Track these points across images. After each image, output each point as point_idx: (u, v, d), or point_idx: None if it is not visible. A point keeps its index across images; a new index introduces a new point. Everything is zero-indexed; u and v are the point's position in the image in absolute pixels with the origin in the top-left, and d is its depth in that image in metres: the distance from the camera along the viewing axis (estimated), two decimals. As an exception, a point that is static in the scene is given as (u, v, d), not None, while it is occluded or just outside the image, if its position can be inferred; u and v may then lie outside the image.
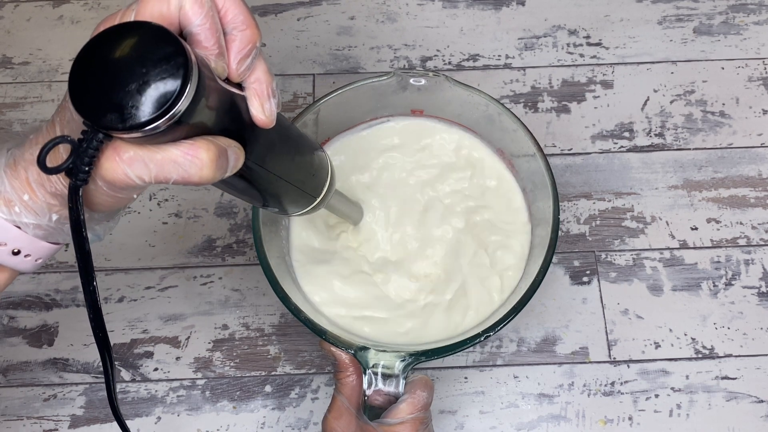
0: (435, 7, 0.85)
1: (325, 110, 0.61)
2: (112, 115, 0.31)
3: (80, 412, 0.67)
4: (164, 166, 0.33)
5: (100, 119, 0.32)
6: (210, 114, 0.35)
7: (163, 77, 0.31)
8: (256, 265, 0.72)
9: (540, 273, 0.53)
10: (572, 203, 0.75)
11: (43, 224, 0.39)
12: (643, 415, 0.67)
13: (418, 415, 0.51)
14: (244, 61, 0.36)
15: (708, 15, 0.84)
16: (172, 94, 0.31)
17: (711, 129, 0.78)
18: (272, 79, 0.38)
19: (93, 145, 0.33)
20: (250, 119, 0.38)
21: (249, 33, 0.36)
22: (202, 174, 0.34)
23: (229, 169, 0.36)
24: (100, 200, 0.36)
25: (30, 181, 0.37)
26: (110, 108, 0.31)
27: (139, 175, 0.33)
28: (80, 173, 0.33)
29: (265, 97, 0.37)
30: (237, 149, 0.36)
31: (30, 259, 0.40)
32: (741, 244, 0.73)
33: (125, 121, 0.31)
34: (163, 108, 0.31)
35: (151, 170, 0.33)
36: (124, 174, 0.33)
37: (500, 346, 0.69)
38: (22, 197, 0.37)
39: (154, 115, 0.31)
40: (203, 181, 0.35)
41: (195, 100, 0.32)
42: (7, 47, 0.83)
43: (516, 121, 0.59)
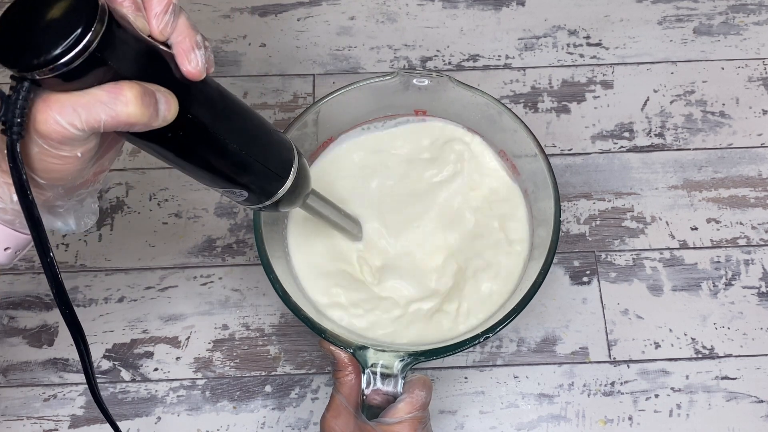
0: (435, 7, 0.85)
1: (326, 110, 0.61)
2: (28, 54, 0.33)
3: (80, 412, 0.67)
4: (91, 108, 0.34)
5: (18, 60, 0.33)
6: (131, 59, 0.36)
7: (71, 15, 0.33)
8: (256, 265, 0.72)
9: (541, 274, 0.53)
10: (572, 203, 0.75)
11: (7, 208, 0.39)
12: (643, 415, 0.67)
13: (416, 415, 0.51)
14: (162, 17, 0.38)
15: (708, 15, 0.84)
16: (78, 27, 0.33)
17: (711, 129, 0.78)
18: (196, 33, 0.39)
19: (21, 95, 0.34)
20: (182, 76, 0.39)
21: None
22: (128, 111, 0.35)
23: (161, 113, 0.37)
24: (46, 164, 0.36)
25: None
26: (26, 49, 0.33)
27: (70, 121, 0.34)
28: (14, 126, 0.34)
29: (189, 49, 0.39)
30: (168, 94, 0.37)
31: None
32: (741, 244, 0.73)
33: (39, 56, 0.33)
34: (72, 40, 0.33)
35: (81, 114, 0.34)
36: (56, 122, 0.34)
37: (500, 346, 0.69)
38: None
39: (64, 48, 0.33)
40: (133, 119, 0.35)
41: (107, 38, 0.34)
42: (7, 47, 0.83)
43: (517, 122, 0.59)
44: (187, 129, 0.40)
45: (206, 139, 0.42)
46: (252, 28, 0.84)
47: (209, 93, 0.41)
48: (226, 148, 0.43)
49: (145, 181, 0.76)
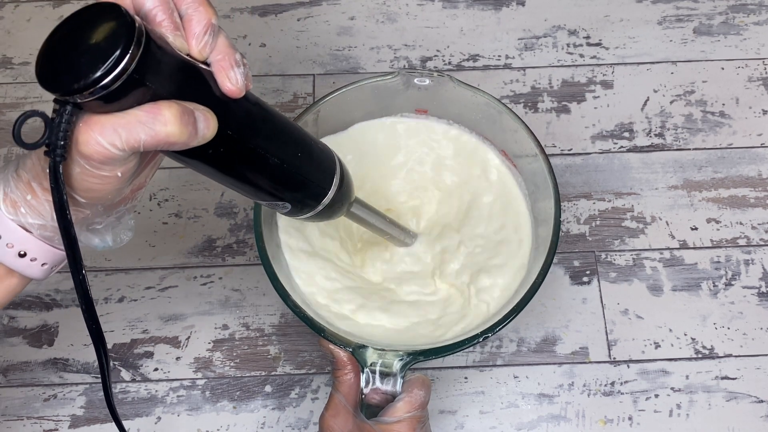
0: (435, 7, 0.85)
1: (326, 110, 0.60)
2: (68, 78, 0.34)
3: (80, 412, 0.67)
4: (132, 128, 0.35)
5: (59, 85, 0.34)
6: (169, 79, 0.36)
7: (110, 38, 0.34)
8: (256, 265, 0.72)
9: (541, 273, 0.53)
10: (572, 203, 0.75)
11: (47, 225, 0.39)
12: (643, 415, 0.67)
13: (415, 414, 0.51)
14: (201, 38, 0.38)
15: (708, 15, 0.84)
16: (116, 50, 0.33)
17: (711, 129, 0.78)
18: (235, 51, 0.40)
19: (64, 118, 0.34)
20: (221, 93, 0.39)
21: (203, 11, 0.38)
22: (168, 130, 0.35)
23: (200, 131, 0.37)
24: (86, 184, 0.37)
25: (30, 182, 0.38)
26: (66, 73, 0.34)
27: (111, 142, 0.35)
28: (57, 149, 0.35)
29: (228, 67, 0.39)
30: (206, 112, 0.38)
31: (36, 263, 0.41)
32: (741, 244, 0.73)
33: (79, 80, 0.33)
34: (111, 63, 0.33)
35: (121, 135, 0.35)
36: (97, 143, 0.35)
37: (500, 346, 0.69)
38: (25, 197, 0.39)
39: (103, 71, 0.33)
40: (173, 138, 0.35)
41: (146, 59, 0.34)
42: (8, 47, 0.83)
43: (517, 122, 0.59)
44: (227, 145, 0.40)
45: (246, 154, 0.42)
46: (252, 28, 0.84)
47: (248, 109, 0.42)
48: (266, 163, 0.43)
49: (145, 181, 0.76)
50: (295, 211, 0.48)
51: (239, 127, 0.41)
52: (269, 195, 0.46)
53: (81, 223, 0.40)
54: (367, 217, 0.56)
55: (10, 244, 0.40)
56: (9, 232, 0.39)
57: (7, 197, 0.39)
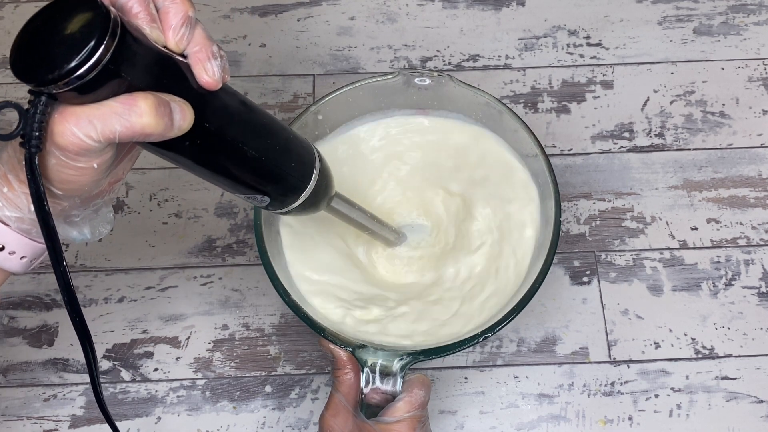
0: (435, 7, 0.85)
1: (326, 110, 0.60)
2: (43, 69, 0.34)
3: (80, 412, 0.67)
4: (107, 119, 0.35)
5: (34, 75, 0.34)
6: (145, 70, 0.36)
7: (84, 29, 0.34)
8: (256, 265, 0.72)
9: (541, 273, 0.53)
10: (572, 203, 0.75)
11: (25, 217, 0.39)
12: (643, 415, 0.67)
13: (415, 414, 0.51)
14: (178, 30, 0.38)
15: (708, 15, 0.84)
16: (91, 41, 0.33)
17: (711, 129, 0.78)
18: (212, 43, 0.40)
19: (39, 109, 0.34)
20: (198, 85, 0.39)
21: (179, 3, 0.38)
22: (143, 122, 0.35)
23: (176, 122, 0.37)
24: (63, 175, 0.37)
25: (5, 174, 0.38)
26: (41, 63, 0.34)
27: (86, 133, 0.35)
28: (32, 140, 0.35)
29: (205, 59, 0.39)
30: (182, 104, 0.37)
31: (15, 257, 0.41)
32: (741, 244, 0.73)
33: (53, 71, 0.33)
34: (85, 53, 0.33)
35: (96, 126, 0.35)
36: (73, 134, 0.35)
37: (500, 346, 0.69)
38: (2, 190, 0.39)
39: (78, 61, 0.33)
40: (148, 129, 0.35)
41: (121, 50, 0.34)
42: (7, 47, 0.83)
43: (518, 121, 0.59)
44: (204, 138, 0.40)
45: (223, 147, 0.42)
46: (252, 29, 0.84)
47: (226, 101, 0.41)
48: (244, 156, 0.43)
49: (145, 181, 0.76)
50: (274, 205, 0.48)
51: (216, 119, 0.41)
52: (247, 188, 0.46)
53: (58, 216, 0.40)
54: (348, 212, 0.55)
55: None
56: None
57: None
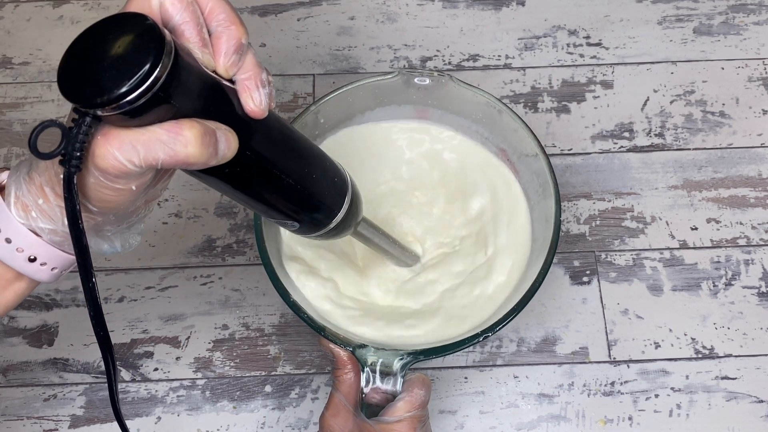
0: (435, 7, 0.85)
1: (326, 109, 0.60)
2: (91, 91, 0.33)
3: (80, 412, 0.67)
4: (151, 146, 0.34)
5: (81, 96, 0.33)
6: (194, 96, 0.36)
7: (137, 53, 0.33)
8: (256, 265, 0.72)
9: (540, 273, 0.53)
10: (572, 203, 0.75)
11: (58, 230, 0.39)
12: (643, 415, 0.67)
13: (415, 414, 0.51)
14: (230, 57, 0.38)
15: (708, 15, 0.84)
16: (145, 66, 0.32)
17: (711, 129, 0.78)
18: (261, 71, 0.39)
19: (82, 130, 0.34)
20: (243, 112, 0.39)
21: (234, 30, 0.37)
22: (188, 151, 0.34)
23: (221, 152, 0.37)
24: (100, 194, 0.37)
25: (42, 186, 0.38)
26: (90, 85, 0.33)
27: (129, 158, 0.34)
28: (73, 159, 0.34)
29: (253, 88, 0.38)
30: (228, 132, 0.37)
31: (46, 267, 0.41)
32: (741, 244, 0.73)
33: (102, 95, 0.32)
34: (137, 79, 0.32)
35: (139, 152, 0.34)
36: (114, 158, 0.34)
37: (500, 346, 0.69)
38: (37, 201, 0.38)
39: (129, 87, 0.32)
40: (192, 159, 0.35)
41: (172, 77, 0.33)
42: (7, 47, 0.83)
43: (518, 121, 0.59)
44: (244, 165, 0.39)
45: (262, 174, 0.41)
46: (252, 28, 0.84)
47: (268, 129, 0.41)
48: (281, 184, 0.43)
49: (145, 181, 0.76)
50: (303, 230, 0.48)
51: (258, 147, 0.40)
52: (281, 214, 0.46)
53: (91, 230, 0.40)
54: (372, 236, 0.55)
55: (20, 249, 0.39)
56: (20, 237, 0.39)
57: (18, 200, 0.38)
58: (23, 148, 0.77)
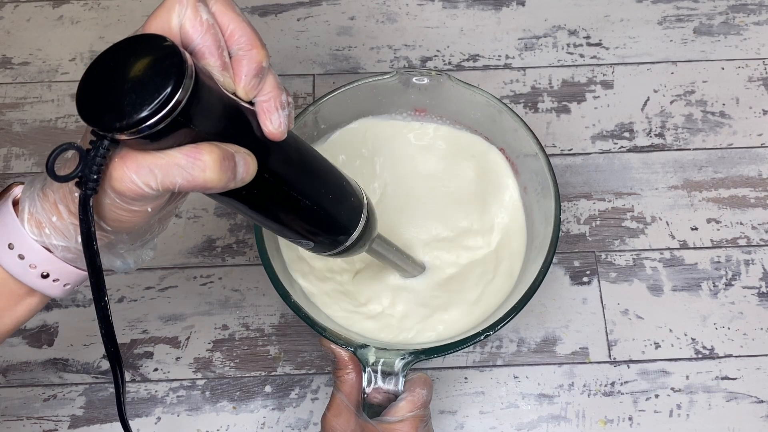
0: (435, 7, 0.85)
1: (326, 109, 0.60)
2: (111, 115, 0.32)
3: (80, 412, 0.67)
4: (169, 171, 0.34)
5: (100, 120, 0.32)
6: (214, 119, 0.35)
7: (158, 77, 0.32)
8: (256, 265, 0.72)
9: (540, 273, 0.53)
10: (572, 203, 0.75)
11: (71, 247, 0.39)
12: (643, 415, 0.67)
13: (417, 413, 0.51)
14: (250, 80, 0.37)
15: (708, 15, 0.84)
16: (166, 91, 0.32)
17: (711, 129, 0.78)
18: (281, 92, 0.38)
19: (100, 153, 0.33)
20: (262, 134, 0.38)
21: (255, 53, 0.37)
22: (206, 176, 0.34)
23: (239, 176, 0.36)
24: (115, 215, 0.36)
25: (57, 203, 0.38)
26: (109, 109, 0.32)
27: (146, 182, 0.34)
28: (89, 182, 0.34)
29: (273, 110, 0.38)
30: (247, 156, 0.36)
31: (58, 284, 0.41)
32: (741, 244, 0.73)
33: (122, 119, 0.32)
34: (158, 104, 0.32)
35: (157, 176, 0.34)
36: (131, 181, 0.34)
37: (500, 347, 0.69)
38: (50, 218, 0.38)
39: (149, 111, 0.32)
40: (210, 184, 0.35)
41: (193, 101, 0.33)
42: (7, 47, 0.83)
43: (517, 121, 0.59)
44: (262, 187, 0.39)
45: (280, 196, 0.41)
46: (252, 28, 0.84)
47: (287, 151, 0.40)
48: (298, 205, 0.43)
49: (145, 181, 0.76)
50: (318, 249, 0.48)
51: (277, 170, 0.40)
52: (297, 234, 0.45)
53: (105, 247, 0.40)
54: (386, 252, 0.55)
55: (33, 265, 0.39)
56: (33, 253, 0.39)
57: (32, 217, 0.38)
58: (23, 149, 0.77)
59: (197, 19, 0.35)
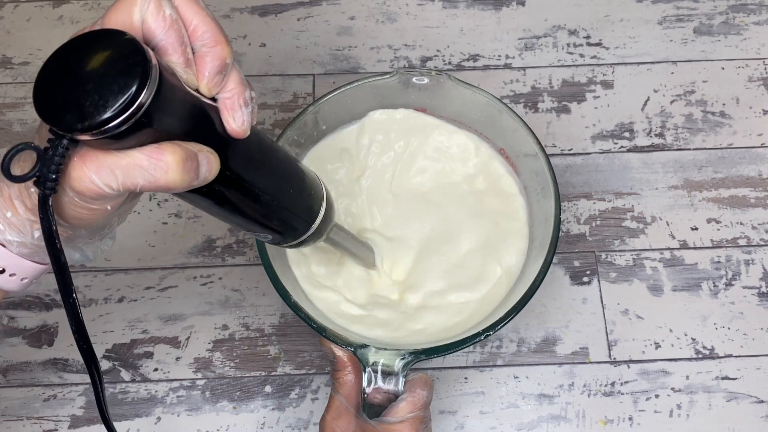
0: (435, 7, 0.85)
1: (325, 109, 0.60)
2: (72, 116, 0.31)
3: (80, 412, 0.67)
4: (130, 172, 0.33)
5: (61, 120, 0.31)
6: (177, 119, 0.34)
7: (121, 75, 0.31)
8: (256, 265, 0.72)
9: (540, 273, 0.53)
10: (572, 203, 0.75)
11: (27, 242, 0.38)
12: (643, 415, 0.67)
13: (418, 414, 0.51)
14: (214, 77, 0.36)
15: (708, 15, 0.84)
16: (130, 92, 0.31)
17: (711, 129, 0.78)
18: (245, 89, 0.38)
19: (58, 152, 0.32)
20: (224, 130, 0.38)
21: (219, 50, 0.36)
22: (168, 177, 0.33)
23: (202, 175, 0.35)
24: (74, 213, 0.36)
25: (12, 198, 0.37)
26: (70, 109, 0.31)
27: (106, 183, 0.33)
28: (48, 182, 0.33)
29: (236, 107, 0.37)
30: (210, 155, 0.36)
31: (15, 278, 0.40)
32: (741, 244, 0.73)
33: (84, 120, 0.31)
34: (121, 105, 0.31)
35: (118, 176, 0.33)
36: (91, 182, 0.33)
37: (500, 347, 0.69)
38: (5, 214, 0.37)
39: (112, 113, 0.31)
40: (172, 185, 0.34)
41: (157, 101, 0.32)
42: (7, 47, 0.83)
43: (517, 120, 0.59)
44: (222, 183, 0.39)
45: (240, 192, 0.41)
46: (252, 28, 0.84)
47: (249, 147, 0.40)
48: (258, 200, 0.42)
49: (145, 181, 0.76)
50: (277, 240, 0.48)
51: (238, 167, 0.39)
52: (258, 226, 0.45)
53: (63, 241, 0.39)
54: (343, 241, 0.55)
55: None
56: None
57: None
58: (23, 148, 0.77)
59: (160, 14, 0.34)
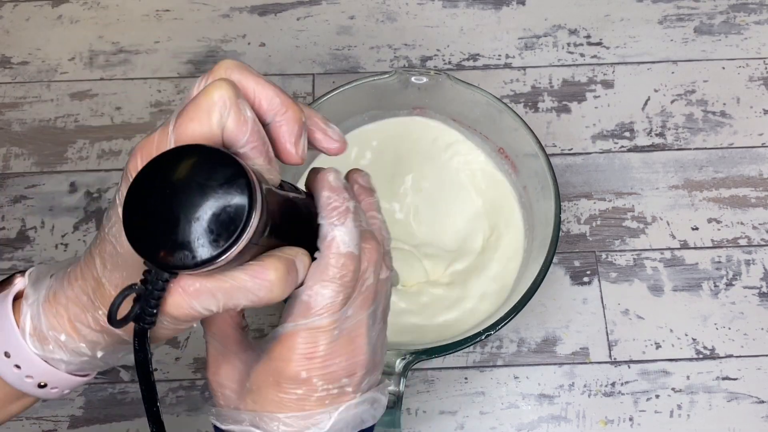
0: (435, 6, 0.85)
1: (325, 109, 0.60)
2: (180, 254, 0.28)
3: (79, 412, 0.67)
4: (233, 294, 0.31)
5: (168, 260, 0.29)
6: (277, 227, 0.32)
7: (228, 203, 0.29)
8: (255, 265, 0.72)
9: (540, 273, 0.53)
10: (572, 203, 0.75)
11: (75, 362, 0.37)
12: (643, 415, 0.66)
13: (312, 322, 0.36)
14: (299, 143, 0.34)
15: (709, 15, 0.84)
16: (240, 220, 0.29)
17: (712, 129, 0.78)
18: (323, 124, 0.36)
19: (159, 287, 0.30)
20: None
21: (291, 114, 0.33)
22: (272, 296, 0.32)
23: (300, 280, 0.34)
24: (160, 334, 0.34)
25: (72, 320, 0.35)
26: (176, 246, 0.29)
27: (207, 307, 0.31)
28: (147, 317, 0.31)
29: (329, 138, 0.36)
30: (304, 257, 0.34)
31: (56, 391, 0.39)
32: (742, 244, 0.73)
33: (195, 258, 0.28)
34: (234, 237, 0.29)
35: (219, 300, 0.31)
36: (191, 308, 0.31)
37: (500, 347, 0.69)
38: (58, 337, 0.35)
39: (224, 247, 0.28)
40: (274, 300, 0.32)
41: (261, 220, 0.30)
42: (7, 47, 0.83)
43: (517, 120, 0.59)
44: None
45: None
46: (251, 28, 0.84)
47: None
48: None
49: (145, 181, 0.76)
50: None
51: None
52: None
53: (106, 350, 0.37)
54: None
55: (29, 376, 0.37)
56: (32, 366, 0.36)
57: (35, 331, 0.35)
58: (22, 148, 0.77)
59: (241, 119, 0.31)
